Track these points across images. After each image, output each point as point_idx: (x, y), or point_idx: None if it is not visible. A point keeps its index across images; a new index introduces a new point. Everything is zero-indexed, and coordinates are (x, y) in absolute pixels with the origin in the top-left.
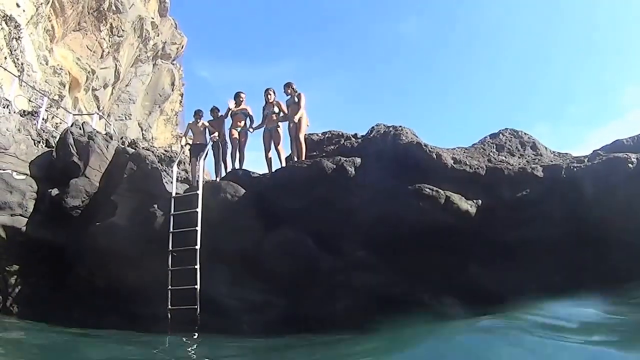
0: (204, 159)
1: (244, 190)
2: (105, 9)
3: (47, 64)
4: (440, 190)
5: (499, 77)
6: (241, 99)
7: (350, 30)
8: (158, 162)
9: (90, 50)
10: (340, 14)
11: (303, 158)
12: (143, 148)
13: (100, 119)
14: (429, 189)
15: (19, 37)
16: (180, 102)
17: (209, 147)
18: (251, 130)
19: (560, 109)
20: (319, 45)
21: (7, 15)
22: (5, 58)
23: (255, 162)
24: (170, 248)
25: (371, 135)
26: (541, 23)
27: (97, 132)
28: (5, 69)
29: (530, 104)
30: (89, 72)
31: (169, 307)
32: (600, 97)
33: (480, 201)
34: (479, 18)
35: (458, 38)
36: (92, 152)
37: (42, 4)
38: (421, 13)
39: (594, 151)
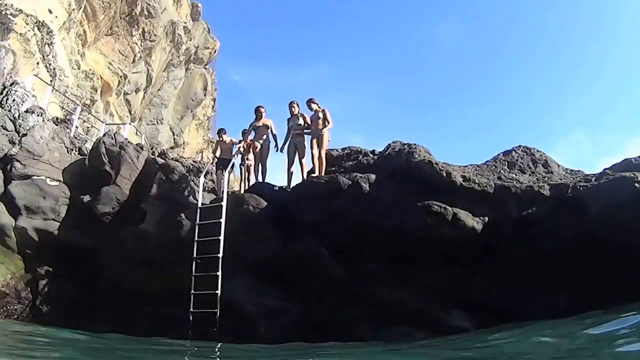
0: (229, 172)
1: (265, 203)
2: (138, 14)
3: (79, 69)
4: (448, 207)
5: (538, 83)
6: (261, 113)
7: (385, 33)
8: (186, 172)
9: (122, 55)
10: (375, 17)
11: (323, 173)
12: (172, 158)
13: (131, 123)
14: (438, 205)
15: (51, 42)
16: (213, 106)
17: (234, 160)
18: (277, 149)
19: (598, 116)
20: (352, 49)
21: (39, 22)
22: (38, 64)
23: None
24: (195, 255)
25: (386, 152)
26: (581, 30)
27: (128, 142)
28: (37, 76)
29: (568, 111)
30: (120, 77)
31: (191, 310)
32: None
33: (487, 218)
34: (517, 22)
35: (497, 41)
36: (124, 162)
37: (74, 9)
38: (459, 15)
39: (603, 170)
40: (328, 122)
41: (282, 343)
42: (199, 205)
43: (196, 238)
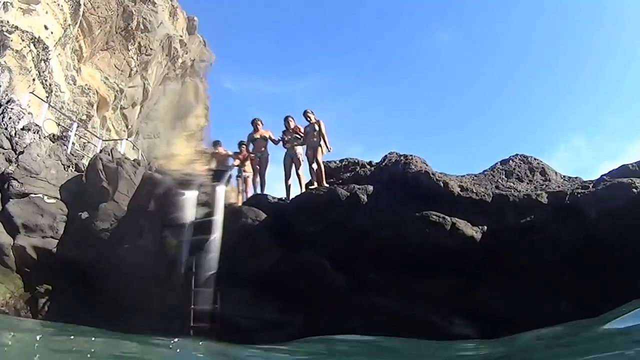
0: (225, 185)
1: (264, 215)
2: (134, 28)
3: (75, 84)
4: (446, 216)
5: (533, 89)
6: (257, 126)
7: (381, 42)
8: (179, 185)
9: (119, 69)
10: (371, 25)
11: (324, 180)
12: (167, 174)
13: (127, 138)
14: (436, 215)
15: (47, 58)
16: (206, 116)
17: (230, 172)
18: (276, 142)
19: (596, 121)
20: (349, 58)
21: (35, 38)
22: (34, 80)
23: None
24: (192, 270)
25: (383, 163)
26: (574, 35)
27: (125, 158)
28: (33, 94)
29: (567, 116)
30: (117, 91)
31: (191, 325)
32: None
33: (485, 227)
34: (513, 29)
35: (494, 49)
36: (121, 178)
37: (70, 25)
38: (454, 24)
39: (601, 176)
40: (324, 138)
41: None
42: (193, 219)
43: (192, 253)
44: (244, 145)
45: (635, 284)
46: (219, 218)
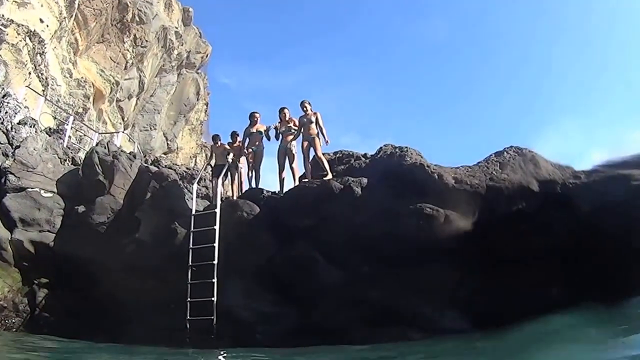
0: (222, 178)
1: (259, 209)
2: (129, 20)
3: (71, 77)
4: (440, 209)
5: (524, 73)
6: (255, 119)
7: (374, 31)
8: (180, 179)
9: (114, 62)
10: (364, 15)
11: (328, 169)
12: (165, 166)
13: (124, 131)
14: (430, 208)
15: (43, 52)
16: (206, 111)
17: (227, 166)
18: (270, 138)
19: (591, 106)
20: (342, 49)
21: (31, 31)
22: (30, 74)
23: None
24: (190, 263)
25: (378, 155)
26: (567, 21)
27: (121, 151)
28: (29, 87)
29: (556, 100)
30: (113, 84)
31: (188, 317)
32: (634, 94)
33: (479, 218)
34: (503, 13)
35: (483, 36)
36: (117, 171)
37: (65, 18)
38: (446, 13)
39: (593, 166)
40: (322, 130)
41: (280, 347)
42: (193, 212)
43: (191, 245)
44: (237, 136)
45: (627, 273)
46: (217, 211)
